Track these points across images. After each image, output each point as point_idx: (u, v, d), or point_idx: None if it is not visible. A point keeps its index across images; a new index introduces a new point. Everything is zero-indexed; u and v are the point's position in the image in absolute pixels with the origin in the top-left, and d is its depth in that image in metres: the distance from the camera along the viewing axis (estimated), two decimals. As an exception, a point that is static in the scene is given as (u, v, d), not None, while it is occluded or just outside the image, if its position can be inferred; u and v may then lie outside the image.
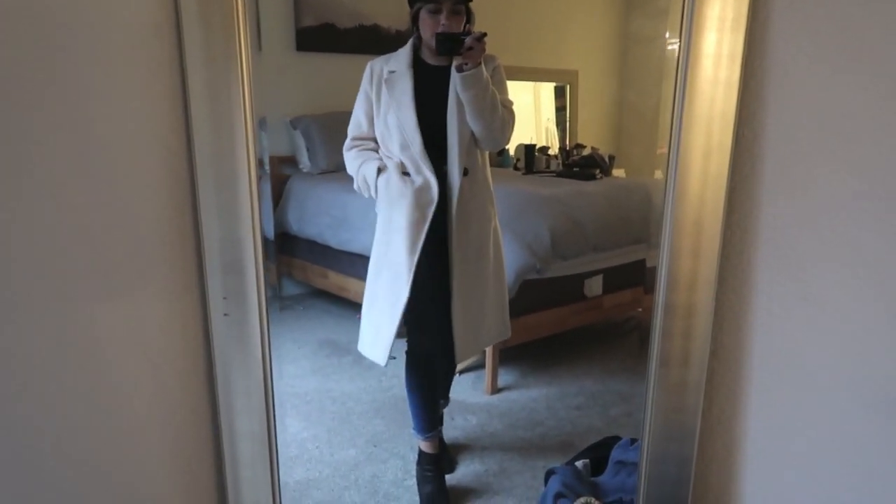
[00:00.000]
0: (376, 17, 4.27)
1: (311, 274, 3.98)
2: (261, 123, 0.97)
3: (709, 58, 0.90)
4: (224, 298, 0.96)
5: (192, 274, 0.98)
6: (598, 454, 1.70)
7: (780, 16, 0.89)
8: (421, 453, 2.18)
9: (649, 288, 1.05)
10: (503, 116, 1.93)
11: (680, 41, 0.90)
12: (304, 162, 4.04)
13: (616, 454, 1.55)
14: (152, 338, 1.00)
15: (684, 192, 0.94)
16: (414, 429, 2.18)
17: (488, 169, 2.08)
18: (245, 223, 0.93)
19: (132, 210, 0.94)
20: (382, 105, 1.93)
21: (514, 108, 2.00)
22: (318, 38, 4.18)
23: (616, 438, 1.70)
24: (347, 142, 2.05)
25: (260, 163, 0.95)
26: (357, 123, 2.02)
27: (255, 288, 0.96)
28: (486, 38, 1.79)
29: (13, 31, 0.83)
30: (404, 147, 1.91)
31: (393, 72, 1.91)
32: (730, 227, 0.98)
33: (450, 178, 1.93)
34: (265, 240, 0.99)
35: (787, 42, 0.91)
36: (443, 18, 1.82)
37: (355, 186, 2.05)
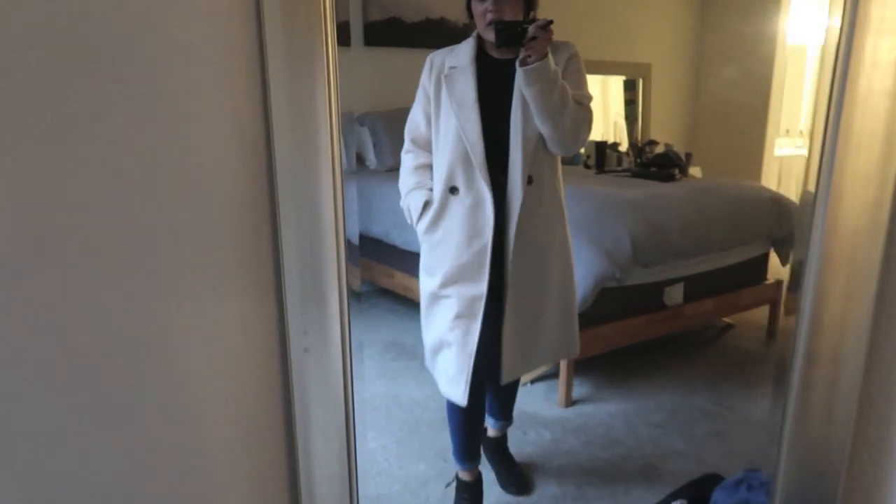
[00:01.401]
0: (443, 10, 4.17)
1: (377, 273, 3.93)
2: (347, 120, 0.89)
3: (874, 66, 0.76)
4: (304, 333, 0.87)
5: (270, 302, 0.90)
6: (696, 494, 1.56)
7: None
8: (458, 480, 2.06)
9: (791, 309, 0.90)
10: (576, 115, 1.68)
11: (838, 47, 0.75)
12: (371, 159, 3.98)
13: (719, 497, 1.41)
14: (230, 364, 0.92)
15: (836, 225, 0.80)
16: (453, 455, 2.04)
17: (559, 176, 1.84)
18: (328, 245, 0.84)
19: (208, 232, 0.87)
20: (442, 105, 1.73)
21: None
22: (385, 32, 4.12)
23: (716, 477, 1.55)
24: (406, 143, 1.87)
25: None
26: (415, 124, 1.83)
27: (338, 320, 0.87)
28: (552, 27, 1.56)
29: (91, 31, 0.76)
30: (461, 154, 1.70)
31: (454, 67, 1.72)
32: (888, 265, 0.83)
33: (510, 187, 1.71)
34: (350, 245, 0.89)
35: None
36: (489, 4, 1.61)
37: (401, 204, 1.87)
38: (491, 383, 1.98)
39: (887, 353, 0.87)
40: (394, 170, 3.97)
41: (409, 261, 3.55)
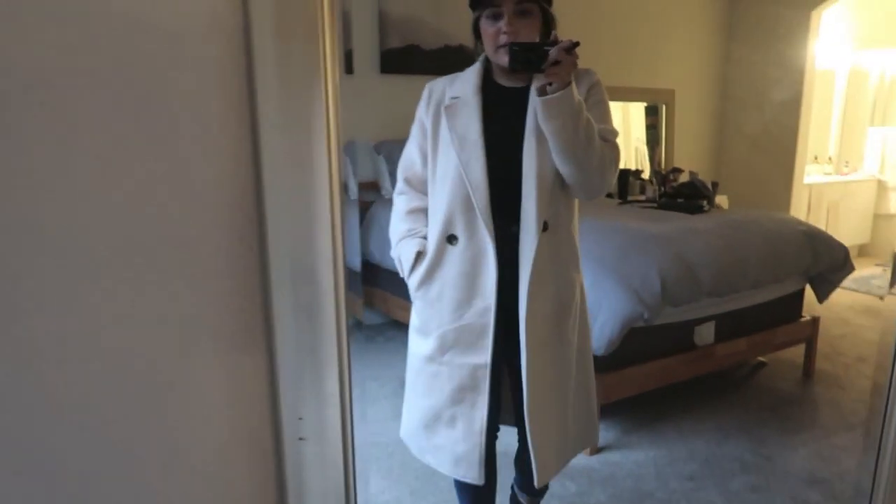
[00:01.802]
0: (462, 37, 4.09)
1: (393, 305, 3.82)
2: (347, 148, 0.76)
3: None
4: (300, 419, 0.75)
5: (262, 379, 0.78)
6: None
7: None
8: None
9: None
10: (603, 153, 1.42)
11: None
12: (387, 188, 3.89)
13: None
14: (214, 453, 0.80)
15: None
16: None
17: (576, 221, 1.58)
18: (327, 322, 0.72)
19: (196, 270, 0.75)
20: (441, 140, 1.50)
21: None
22: (402, 59, 4.05)
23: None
24: (399, 183, 1.64)
25: (345, 187, 0.75)
26: (409, 161, 1.61)
27: (338, 406, 0.75)
28: (577, 49, 1.30)
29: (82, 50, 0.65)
30: (461, 197, 1.46)
31: (456, 97, 1.48)
32: None
33: (522, 236, 1.45)
34: (350, 271, 0.76)
35: None
36: (504, 25, 1.39)
37: (392, 254, 1.64)
38: (522, 467, 1.72)
39: None
40: (411, 200, 3.88)
41: (425, 294, 3.43)
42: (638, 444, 2.59)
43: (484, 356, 1.49)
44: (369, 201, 3.96)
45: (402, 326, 3.87)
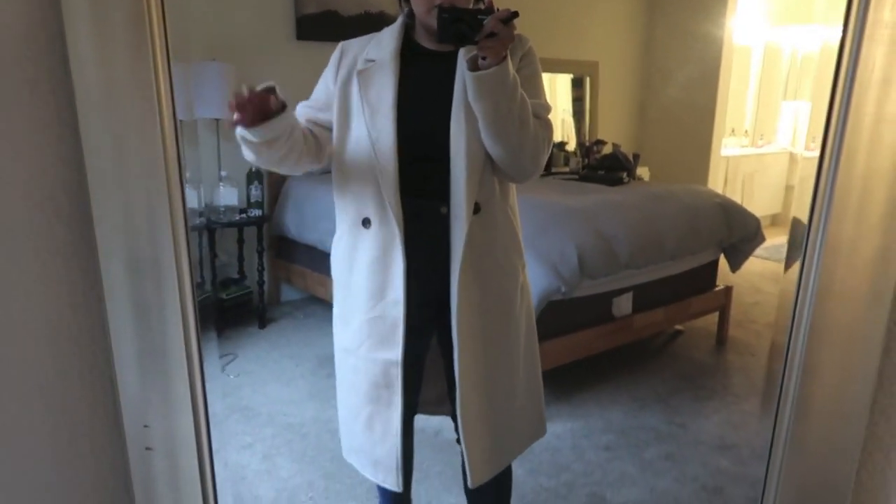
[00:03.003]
0: (382, 2, 3.95)
1: (311, 281, 3.70)
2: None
3: (883, 85, 0.58)
4: (145, 427, 0.65)
5: (101, 388, 0.68)
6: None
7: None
8: None
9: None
10: (537, 134, 1.27)
11: (840, 57, 0.58)
12: (304, 161, 3.74)
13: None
14: (50, 469, 0.69)
15: (831, 281, 0.62)
16: None
17: (513, 201, 1.44)
18: (171, 318, 0.63)
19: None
20: (351, 111, 1.33)
21: None
22: (319, 26, 3.86)
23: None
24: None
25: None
26: (301, 115, 1.40)
27: (189, 410, 0.65)
28: (516, 20, 1.14)
29: None
30: (374, 177, 1.31)
31: (371, 61, 1.32)
32: (893, 331, 0.67)
33: (452, 220, 1.31)
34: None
35: None
36: None
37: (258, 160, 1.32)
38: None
39: (885, 441, 0.71)
40: (328, 173, 3.75)
41: (346, 269, 3.33)
42: (557, 416, 2.59)
43: (395, 352, 1.36)
44: (284, 175, 3.80)
45: (321, 302, 3.76)
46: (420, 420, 1.60)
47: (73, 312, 0.65)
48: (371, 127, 1.29)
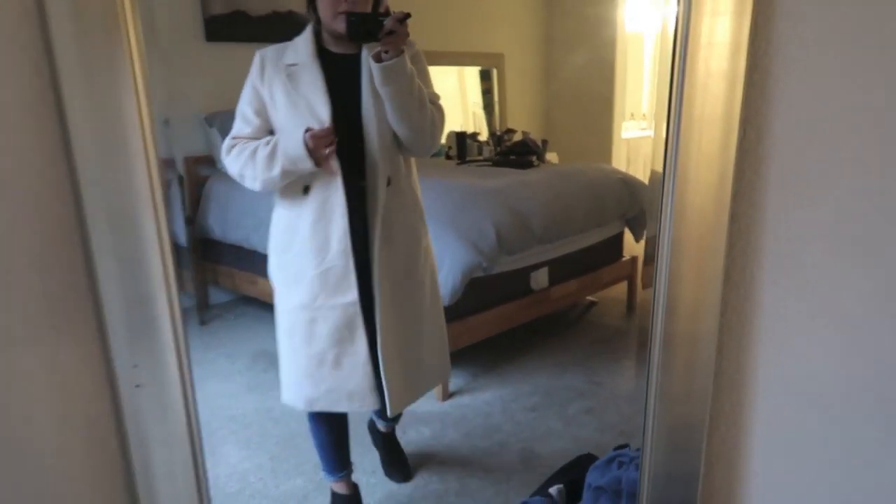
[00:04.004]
0: (290, 3, 4.00)
1: (240, 280, 3.73)
2: (165, 124, 0.77)
3: (709, 48, 0.77)
4: (134, 366, 0.76)
5: (91, 337, 0.78)
6: (572, 477, 1.59)
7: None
8: (333, 495, 1.95)
9: (647, 282, 0.91)
10: (433, 115, 1.61)
11: (676, 28, 0.76)
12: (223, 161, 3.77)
13: (593, 478, 1.43)
14: (43, 417, 0.79)
15: (684, 206, 0.81)
16: (323, 469, 1.93)
17: (415, 175, 1.76)
18: (154, 274, 0.74)
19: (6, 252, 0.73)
20: (285, 105, 1.57)
21: (439, 92, 1.70)
22: (228, 26, 3.89)
23: (589, 457, 1.58)
24: (226, 143, 1.65)
25: (171, 163, 0.76)
26: (245, 120, 1.63)
27: (173, 351, 0.77)
28: (409, 20, 1.46)
29: None
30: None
31: (294, 64, 1.57)
32: (732, 241, 0.86)
33: (369, 190, 1.60)
34: (176, 249, 0.79)
35: (796, 27, 0.78)
36: None
37: (252, 180, 1.60)
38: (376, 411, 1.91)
39: (735, 327, 0.90)
40: (249, 171, 3.77)
41: (273, 266, 3.40)
42: (486, 386, 2.78)
43: (351, 294, 1.62)
44: (205, 175, 3.82)
45: (251, 302, 3.80)
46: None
47: (63, 268, 0.76)
48: (309, 116, 1.54)
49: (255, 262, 3.52)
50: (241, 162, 1.59)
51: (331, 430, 1.87)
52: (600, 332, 3.40)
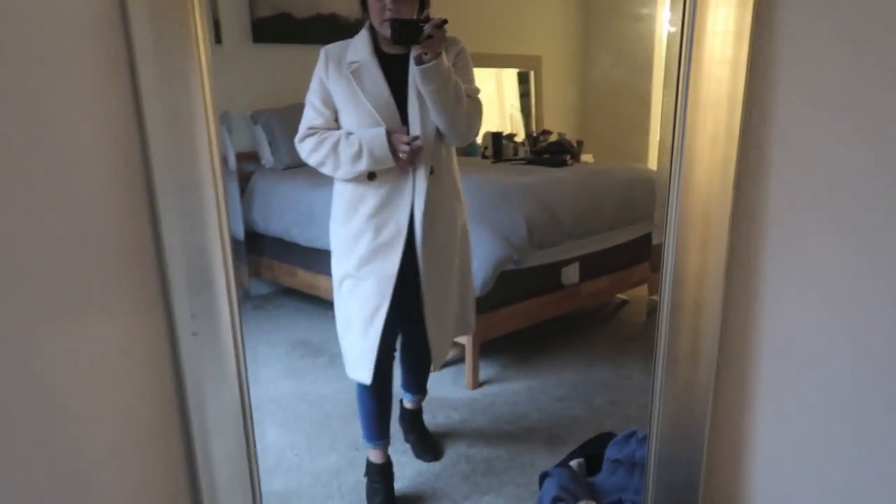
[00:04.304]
0: (334, 5, 4.14)
1: (280, 272, 3.87)
2: (223, 118, 0.88)
3: (715, 36, 0.83)
4: (192, 316, 0.86)
5: (154, 290, 0.89)
6: (592, 452, 1.65)
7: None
8: (368, 464, 2.08)
9: (655, 265, 0.98)
10: (469, 109, 1.78)
11: (682, 20, 0.83)
12: (267, 157, 3.91)
13: (611, 452, 1.50)
14: (112, 363, 0.90)
15: (690, 183, 0.88)
16: (363, 437, 2.07)
17: (455, 164, 1.95)
18: (211, 231, 0.84)
19: (81, 221, 0.84)
20: (353, 99, 1.75)
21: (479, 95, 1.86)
22: (274, 28, 4.04)
23: (609, 435, 1.64)
24: (301, 133, 1.84)
25: (224, 161, 0.86)
26: (316, 111, 1.81)
27: (226, 302, 0.87)
28: (446, 26, 1.63)
29: None
30: None
31: (356, 62, 1.75)
32: (737, 217, 0.92)
33: (416, 177, 1.79)
34: (234, 241, 0.89)
35: (797, 16, 0.85)
36: (388, 2, 1.65)
37: (332, 170, 1.81)
38: (410, 364, 2.14)
39: (740, 298, 0.97)
40: (291, 167, 3.93)
41: (312, 258, 3.52)
42: (515, 377, 2.85)
43: (393, 269, 1.81)
44: (249, 171, 3.97)
45: (290, 293, 3.93)
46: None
47: (134, 228, 0.86)
48: (378, 110, 1.73)
49: (295, 254, 3.66)
50: (323, 153, 1.78)
51: (377, 399, 2.02)
52: (630, 329, 3.44)
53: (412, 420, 2.33)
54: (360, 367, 1.89)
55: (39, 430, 0.86)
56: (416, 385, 2.28)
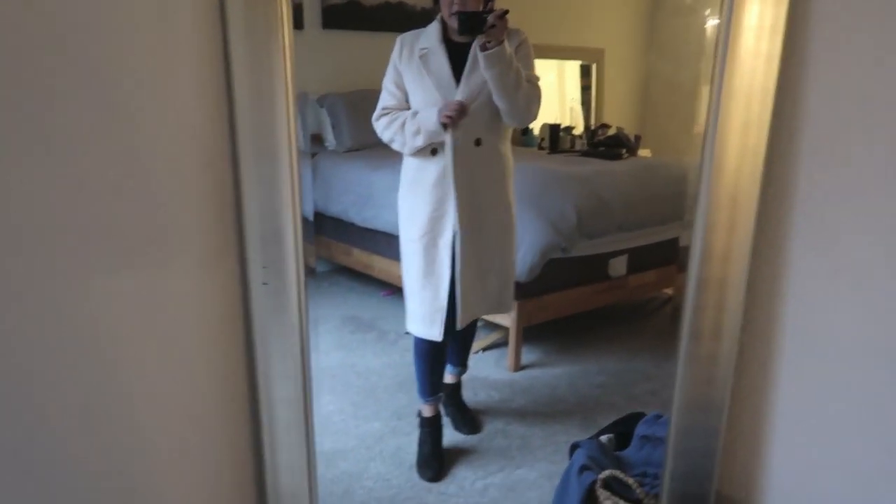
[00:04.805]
0: (402, -7, 4.25)
1: (336, 251, 4.02)
2: (300, 99, 0.99)
3: (750, 30, 0.89)
4: (264, 267, 0.98)
5: (231, 243, 1.01)
6: (623, 429, 1.72)
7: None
8: (421, 418, 2.25)
9: (683, 266, 1.05)
10: (528, 92, 1.95)
11: (721, 14, 0.89)
12: (330, 140, 4.06)
13: (641, 429, 1.56)
14: (187, 306, 1.02)
15: (721, 166, 0.94)
16: (418, 392, 2.25)
17: (506, 143, 2.10)
18: (285, 194, 0.95)
19: (171, 180, 0.97)
20: (420, 81, 1.96)
21: (540, 85, 2.02)
22: (343, 15, 4.18)
23: (641, 414, 1.71)
24: (378, 112, 2.07)
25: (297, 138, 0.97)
26: (390, 93, 2.04)
27: (293, 257, 0.99)
28: (507, 16, 1.80)
29: (46, 6, 0.85)
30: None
31: (426, 48, 1.95)
32: (765, 201, 0.98)
33: (457, 141, 1.95)
34: (304, 220, 1.01)
35: (829, 13, 0.90)
36: None
37: (400, 146, 2.02)
38: (454, 336, 2.22)
39: (766, 277, 1.02)
40: (352, 150, 4.07)
41: (367, 238, 3.65)
42: (556, 362, 2.92)
43: (448, 236, 2.01)
44: (313, 153, 4.13)
45: (345, 272, 4.09)
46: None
47: (220, 193, 0.98)
48: (441, 91, 1.93)
49: (352, 234, 3.80)
50: (392, 131, 2.01)
51: (435, 357, 2.20)
52: (676, 324, 3.45)
53: (452, 394, 2.43)
54: (431, 326, 2.08)
55: (112, 359, 0.99)
56: (458, 357, 2.40)
